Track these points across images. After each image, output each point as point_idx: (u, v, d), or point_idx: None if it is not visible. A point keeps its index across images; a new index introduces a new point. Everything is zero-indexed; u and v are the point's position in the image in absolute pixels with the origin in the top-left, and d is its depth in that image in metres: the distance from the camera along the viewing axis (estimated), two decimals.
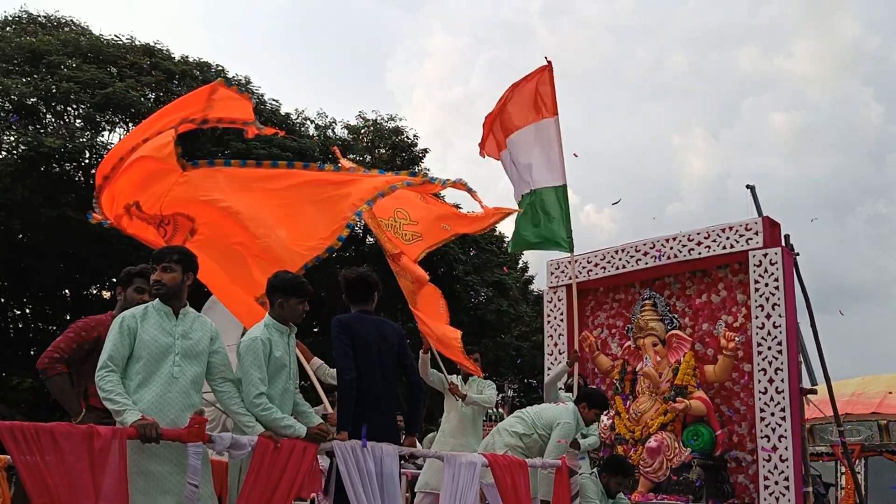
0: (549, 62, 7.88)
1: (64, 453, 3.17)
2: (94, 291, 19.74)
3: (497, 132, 8.14)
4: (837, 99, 70.25)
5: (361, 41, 70.74)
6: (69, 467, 3.17)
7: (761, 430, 8.24)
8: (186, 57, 19.63)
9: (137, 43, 19.06)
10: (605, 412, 6.36)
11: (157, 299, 3.82)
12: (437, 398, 7.12)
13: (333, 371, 5.31)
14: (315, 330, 18.44)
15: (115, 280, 20.17)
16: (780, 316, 8.36)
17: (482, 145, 8.29)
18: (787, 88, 72.83)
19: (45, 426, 3.25)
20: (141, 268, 4.14)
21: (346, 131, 23.11)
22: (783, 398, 8.17)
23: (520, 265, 26.35)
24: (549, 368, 10.05)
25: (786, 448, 8.05)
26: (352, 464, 4.11)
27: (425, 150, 23.53)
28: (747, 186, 10.11)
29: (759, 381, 8.36)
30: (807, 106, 71.60)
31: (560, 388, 7.61)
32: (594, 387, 6.71)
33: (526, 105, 7.94)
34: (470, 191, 5.13)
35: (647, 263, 9.50)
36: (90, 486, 3.21)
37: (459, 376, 6.91)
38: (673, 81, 71.03)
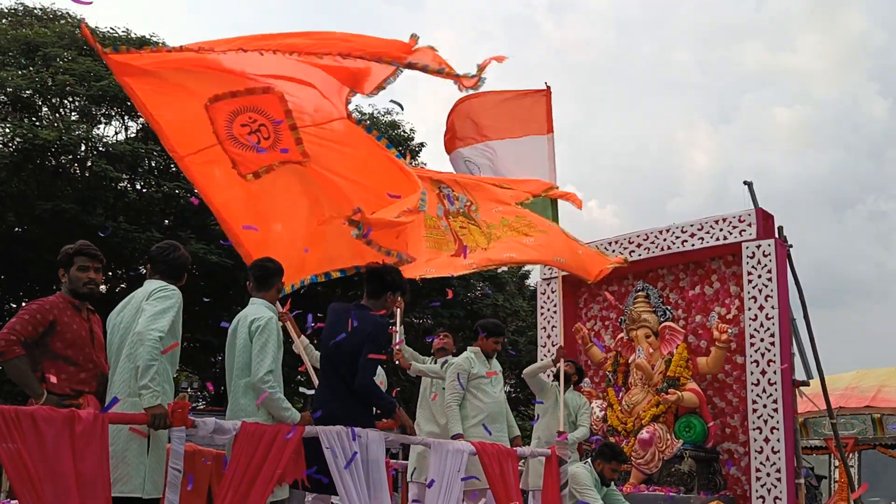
0: (549, 87, 7.63)
1: (45, 437, 3.16)
2: None
3: (464, 127, 7.72)
4: (842, 94, 70.33)
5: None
6: (50, 451, 3.16)
7: (753, 422, 8.24)
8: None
9: (133, 35, 19.02)
10: (501, 337, 6.28)
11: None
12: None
13: (317, 353, 5.34)
14: (312, 324, 18.42)
15: (110, 273, 20.08)
16: (772, 308, 8.36)
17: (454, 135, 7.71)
18: (792, 83, 72.95)
19: (27, 409, 3.23)
20: (80, 245, 4.09)
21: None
22: (775, 390, 8.17)
23: None
24: (542, 360, 10.05)
25: (778, 440, 8.06)
26: (338, 451, 4.11)
27: (422, 145, 23.51)
28: (745, 182, 10.09)
29: (752, 373, 8.36)
30: (811, 101, 71.69)
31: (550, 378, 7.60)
32: (491, 319, 6.65)
33: (513, 117, 7.62)
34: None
35: (640, 255, 9.49)
36: (71, 470, 3.20)
37: (433, 358, 6.80)
38: (677, 76, 71.09)
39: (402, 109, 5.47)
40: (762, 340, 8.34)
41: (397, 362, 6.69)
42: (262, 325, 4.14)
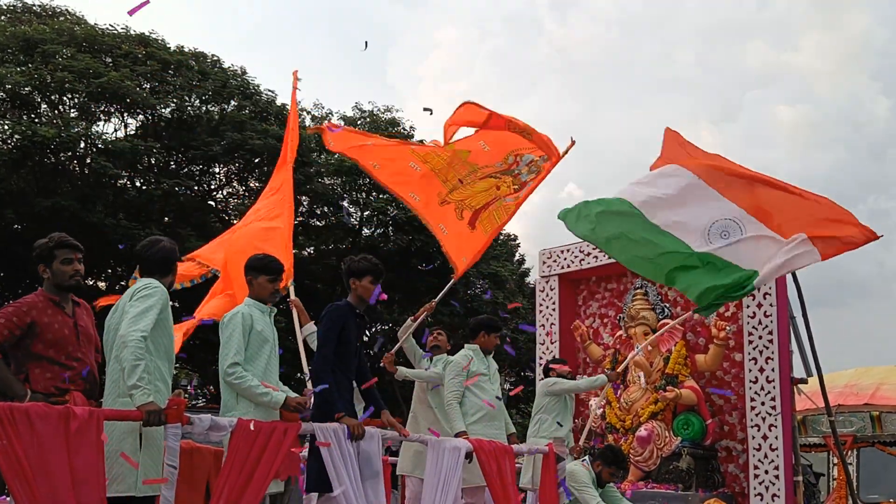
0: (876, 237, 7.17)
1: (39, 434, 3.15)
2: (90, 282, 19.72)
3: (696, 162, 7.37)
4: (844, 93, 70.15)
5: (361, 34, 70.55)
6: (44, 448, 3.16)
7: (752, 420, 8.23)
8: (182, 47, 19.61)
9: (132, 32, 19.03)
10: (499, 332, 6.38)
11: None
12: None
13: None
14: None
15: (109, 271, 19.99)
16: (771, 305, 8.34)
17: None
18: (794, 82, 72.75)
19: (21, 406, 3.23)
20: (59, 238, 3.96)
21: (342, 122, 23.07)
22: (774, 387, 8.16)
23: (516, 258, 26.34)
24: (541, 358, 10.03)
25: (776, 437, 8.05)
26: (334, 446, 4.11)
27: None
28: None
29: (750, 371, 8.35)
30: (813, 100, 71.48)
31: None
32: (486, 316, 6.75)
33: (802, 218, 6.95)
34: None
35: None
36: (66, 467, 3.20)
37: (429, 354, 6.76)
38: (680, 74, 70.93)
39: (432, 114, 6.39)
40: (760, 338, 8.33)
41: (383, 365, 6.64)
42: (226, 320, 4.18)
